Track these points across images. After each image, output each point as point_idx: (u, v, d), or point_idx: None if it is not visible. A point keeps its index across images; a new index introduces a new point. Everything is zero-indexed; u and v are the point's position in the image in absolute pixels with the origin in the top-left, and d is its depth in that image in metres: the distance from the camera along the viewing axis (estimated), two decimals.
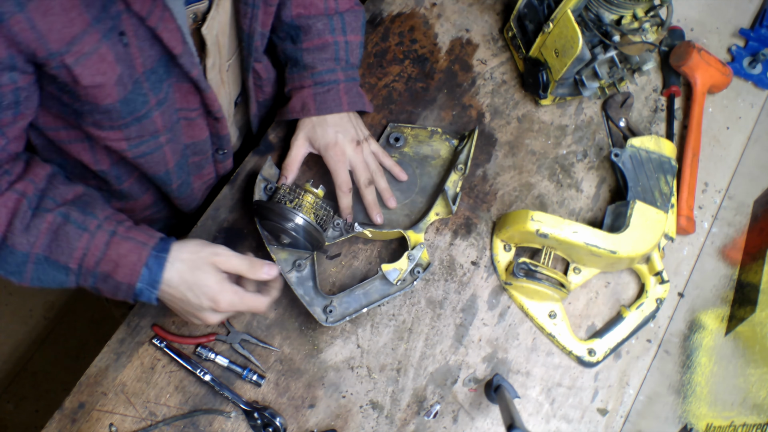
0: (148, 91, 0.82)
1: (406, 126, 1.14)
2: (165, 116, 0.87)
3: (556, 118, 1.19)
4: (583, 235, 1.00)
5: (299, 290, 0.98)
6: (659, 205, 1.05)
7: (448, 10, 1.25)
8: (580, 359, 1.04)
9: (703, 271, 1.12)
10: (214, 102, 0.92)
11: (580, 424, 1.03)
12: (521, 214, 1.02)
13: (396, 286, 1.00)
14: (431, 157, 1.13)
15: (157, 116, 0.86)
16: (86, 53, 0.72)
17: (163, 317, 1.01)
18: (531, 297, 1.06)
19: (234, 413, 0.97)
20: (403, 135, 1.13)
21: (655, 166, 1.08)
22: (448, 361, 1.04)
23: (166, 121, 0.88)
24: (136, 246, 0.83)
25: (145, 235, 0.85)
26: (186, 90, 0.89)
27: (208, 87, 0.90)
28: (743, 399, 0.86)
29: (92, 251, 0.82)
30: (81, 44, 0.71)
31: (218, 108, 0.94)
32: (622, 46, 1.04)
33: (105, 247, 0.82)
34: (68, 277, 0.83)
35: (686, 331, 1.08)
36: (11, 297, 2.12)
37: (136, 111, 0.82)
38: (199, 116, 0.94)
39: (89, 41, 0.71)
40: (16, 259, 0.80)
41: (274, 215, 0.95)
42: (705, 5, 1.30)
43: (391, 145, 1.13)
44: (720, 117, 1.23)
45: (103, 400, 0.97)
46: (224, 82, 1.00)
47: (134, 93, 0.80)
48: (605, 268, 1.08)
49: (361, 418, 0.99)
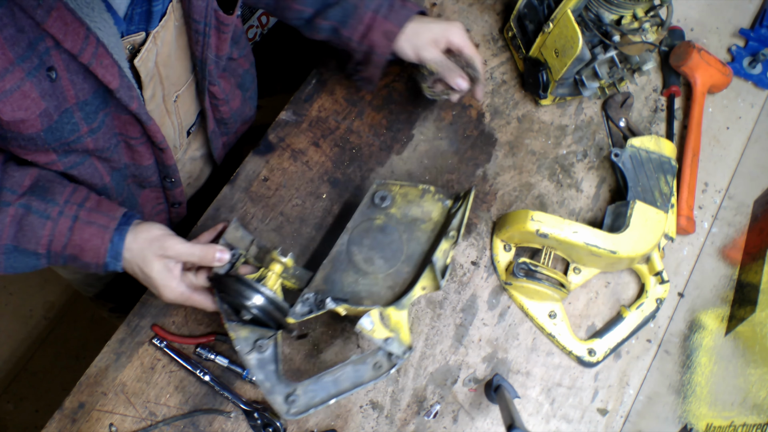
0: (79, 120, 0.80)
1: (395, 183, 1.01)
2: (99, 141, 0.85)
3: (556, 118, 1.19)
4: (583, 235, 1.00)
5: (259, 375, 0.86)
6: (659, 205, 1.05)
7: (448, 10, 1.25)
8: (580, 359, 1.04)
9: (703, 271, 1.12)
10: (157, 133, 0.90)
11: (580, 424, 1.03)
12: (521, 214, 1.02)
13: (371, 373, 0.87)
14: (421, 220, 0.99)
15: (89, 142, 0.84)
16: (7, 91, 0.70)
17: (163, 317, 1.01)
18: (531, 297, 1.06)
19: (234, 413, 0.97)
20: (390, 194, 1.00)
21: (655, 166, 1.08)
22: (448, 361, 1.04)
23: (99, 144, 0.86)
24: (98, 230, 0.85)
25: (106, 218, 0.86)
26: (125, 120, 0.86)
27: (149, 119, 0.87)
28: (743, 399, 0.86)
29: (57, 237, 0.84)
30: (2, 82, 0.69)
31: (161, 139, 0.91)
32: (622, 46, 1.04)
33: (69, 233, 0.84)
34: (39, 261, 0.86)
35: (686, 331, 1.08)
36: (11, 297, 2.12)
37: (63, 138, 0.81)
38: (142, 144, 0.92)
39: (11, 79, 0.70)
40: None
41: (232, 291, 0.85)
42: (705, 5, 1.30)
43: (376, 206, 0.99)
44: (720, 117, 1.23)
45: (103, 400, 0.97)
46: (169, 113, 0.97)
47: (61, 123, 0.78)
48: (605, 268, 1.08)
49: (361, 418, 0.99)
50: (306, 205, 1.09)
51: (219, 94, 1.02)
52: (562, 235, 1.00)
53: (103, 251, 0.85)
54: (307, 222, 1.08)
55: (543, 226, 1.00)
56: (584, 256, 1.04)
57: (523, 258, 1.03)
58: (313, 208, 1.09)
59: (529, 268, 1.02)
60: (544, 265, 1.03)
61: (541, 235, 1.01)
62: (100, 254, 0.85)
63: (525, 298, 1.06)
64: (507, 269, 1.07)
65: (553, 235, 1.00)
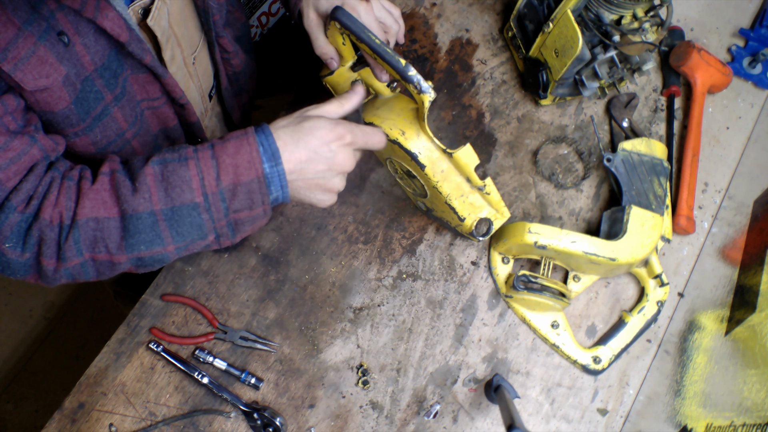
0: (102, 88, 0.81)
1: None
2: (126, 110, 0.87)
3: (556, 118, 1.19)
4: (581, 244, 1.00)
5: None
6: (654, 208, 1.05)
7: (448, 10, 1.25)
8: (586, 368, 1.04)
9: (702, 271, 1.12)
10: (175, 87, 0.91)
11: (580, 424, 1.03)
12: (518, 226, 1.02)
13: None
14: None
15: (117, 112, 0.85)
16: (23, 57, 0.71)
17: (163, 317, 1.01)
18: (533, 309, 1.05)
19: (234, 413, 0.97)
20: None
21: (647, 169, 1.07)
22: (448, 361, 1.03)
23: (127, 115, 0.87)
24: (239, 140, 0.78)
25: (239, 131, 0.80)
26: (144, 80, 0.87)
27: (165, 72, 0.87)
28: (743, 399, 0.85)
29: (206, 171, 0.77)
30: (16, 49, 0.70)
31: (180, 94, 0.92)
32: (622, 46, 1.04)
33: (215, 161, 0.77)
34: (201, 216, 0.78)
35: (686, 331, 1.08)
36: (11, 297, 2.12)
37: (90, 109, 0.82)
38: (164, 104, 0.93)
39: (24, 45, 0.71)
40: (146, 224, 0.77)
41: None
42: (705, 5, 1.30)
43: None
44: (720, 117, 1.23)
45: (102, 400, 0.97)
46: (191, 75, 0.99)
47: (85, 92, 0.80)
48: (605, 274, 1.08)
49: (361, 418, 0.99)
50: (306, 205, 1.09)
51: (228, 46, 1.04)
52: (561, 245, 1.00)
53: (256, 155, 0.77)
54: (307, 222, 1.08)
55: (541, 237, 1.00)
56: (583, 264, 1.03)
57: (523, 270, 1.02)
58: (313, 208, 1.09)
59: (529, 280, 1.01)
60: (543, 276, 1.02)
61: (539, 247, 1.00)
62: (254, 159, 0.77)
63: (526, 310, 1.06)
64: (507, 282, 1.06)
65: (552, 246, 1.00)
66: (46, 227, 0.76)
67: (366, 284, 1.06)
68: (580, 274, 1.07)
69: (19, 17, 0.70)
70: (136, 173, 0.78)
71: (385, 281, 1.06)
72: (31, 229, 0.76)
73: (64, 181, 0.78)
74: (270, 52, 1.78)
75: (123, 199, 0.76)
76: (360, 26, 0.85)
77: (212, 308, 1.03)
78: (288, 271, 1.06)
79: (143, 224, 0.77)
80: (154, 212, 0.77)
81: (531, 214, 1.13)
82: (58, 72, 0.75)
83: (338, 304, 1.05)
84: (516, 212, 1.12)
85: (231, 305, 1.03)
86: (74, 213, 0.77)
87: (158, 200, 0.77)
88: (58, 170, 0.79)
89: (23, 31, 0.70)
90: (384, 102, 0.96)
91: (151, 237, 0.78)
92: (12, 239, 0.76)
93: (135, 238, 0.78)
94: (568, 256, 1.02)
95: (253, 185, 0.78)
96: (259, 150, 0.78)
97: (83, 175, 0.79)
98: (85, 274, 0.80)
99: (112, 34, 0.77)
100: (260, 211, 0.81)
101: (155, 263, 0.82)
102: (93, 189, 0.77)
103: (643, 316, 1.07)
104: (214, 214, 0.79)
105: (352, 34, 0.86)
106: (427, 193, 0.98)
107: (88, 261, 0.79)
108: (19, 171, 0.75)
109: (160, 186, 0.77)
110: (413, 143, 0.91)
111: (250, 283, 1.04)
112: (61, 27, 0.73)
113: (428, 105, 0.85)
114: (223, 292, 1.04)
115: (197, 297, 1.03)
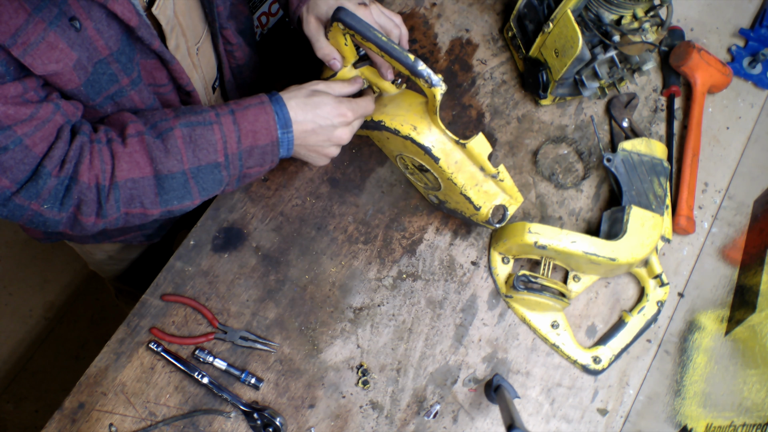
0: (117, 72, 0.83)
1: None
2: (142, 94, 0.89)
3: (556, 118, 1.19)
4: (581, 244, 1.00)
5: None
6: (654, 208, 1.05)
7: (448, 10, 1.25)
8: (586, 367, 1.04)
9: (702, 271, 1.12)
10: (182, 74, 0.93)
11: (580, 424, 1.03)
12: (518, 226, 1.02)
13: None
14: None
15: (134, 94, 0.88)
16: (32, 43, 0.72)
17: (163, 317, 1.01)
18: (533, 309, 1.05)
19: (234, 413, 0.97)
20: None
21: (647, 169, 1.07)
22: (448, 361, 1.03)
23: (144, 99, 0.90)
24: (258, 108, 0.90)
25: (254, 98, 0.91)
26: (152, 66, 0.89)
27: (172, 59, 0.90)
28: (743, 399, 0.85)
29: (229, 135, 0.88)
30: (25, 34, 0.71)
31: (187, 81, 0.95)
32: (622, 46, 1.04)
33: (235, 126, 0.88)
34: (221, 172, 0.89)
35: (686, 331, 1.08)
36: (11, 297, 2.12)
37: (103, 90, 0.84)
38: (171, 92, 0.95)
39: (33, 31, 0.72)
40: (179, 182, 0.87)
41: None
42: (705, 5, 1.30)
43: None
44: (720, 117, 1.23)
45: (102, 400, 0.97)
46: (195, 66, 1.01)
47: (96, 74, 0.81)
48: (605, 274, 1.08)
49: (361, 418, 0.99)
50: (306, 205, 1.09)
51: (231, 38, 1.05)
52: (561, 245, 1.00)
53: (273, 123, 0.89)
54: (307, 222, 1.08)
55: (541, 237, 1.00)
56: (583, 264, 1.03)
57: (523, 270, 1.02)
58: (313, 208, 1.09)
59: (529, 280, 1.01)
60: (543, 276, 1.02)
61: (539, 247, 1.00)
62: (271, 129, 0.89)
63: (526, 310, 1.06)
64: (507, 282, 1.06)
65: (552, 246, 1.00)
66: (86, 189, 0.83)
67: (366, 284, 1.06)
68: (580, 274, 1.07)
69: (30, 3, 0.70)
70: (164, 134, 0.86)
71: (385, 281, 1.06)
72: (70, 191, 0.82)
73: (93, 145, 0.84)
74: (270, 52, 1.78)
75: (157, 160, 0.85)
76: (365, 25, 0.87)
77: (212, 308, 1.03)
78: (288, 271, 1.06)
79: (177, 182, 0.87)
80: (184, 171, 0.87)
81: (531, 214, 1.13)
82: (68, 57, 0.76)
83: (338, 304, 1.05)
84: (516, 212, 1.12)
85: (231, 305, 1.03)
86: (112, 174, 0.84)
87: (187, 160, 0.87)
88: (84, 134, 0.84)
89: (33, 17, 0.71)
90: (391, 99, 0.97)
91: (183, 193, 0.88)
92: (50, 201, 0.82)
93: (169, 194, 0.87)
94: (568, 256, 1.02)
95: (267, 148, 0.91)
96: (275, 118, 0.90)
97: (110, 137, 0.85)
98: (117, 223, 0.89)
99: (123, 18, 0.79)
100: (267, 167, 0.94)
101: (181, 212, 0.92)
102: (127, 152, 0.84)
103: (643, 316, 1.07)
104: (231, 171, 0.90)
105: (357, 34, 0.87)
106: (441, 186, 0.99)
107: (123, 215, 0.87)
108: (45, 136, 0.79)
109: (189, 147, 0.86)
110: (426, 137, 0.91)
111: (250, 283, 1.04)
112: (73, 12, 0.74)
113: (440, 98, 0.87)
114: (223, 292, 1.04)
115: (197, 297, 1.03)
